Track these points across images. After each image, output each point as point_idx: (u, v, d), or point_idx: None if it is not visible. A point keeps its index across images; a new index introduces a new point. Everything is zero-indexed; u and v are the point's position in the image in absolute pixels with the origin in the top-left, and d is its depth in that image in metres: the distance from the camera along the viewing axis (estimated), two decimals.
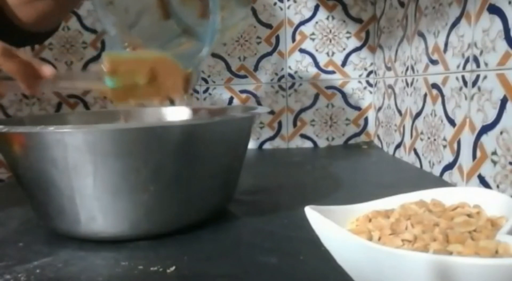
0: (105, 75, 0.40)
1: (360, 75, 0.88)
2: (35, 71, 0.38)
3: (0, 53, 0.36)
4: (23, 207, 0.47)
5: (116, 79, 0.40)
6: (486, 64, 0.45)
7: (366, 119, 0.90)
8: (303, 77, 0.89)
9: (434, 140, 0.59)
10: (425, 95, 0.61)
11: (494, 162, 0.44)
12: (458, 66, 0.51)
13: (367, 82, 0.88)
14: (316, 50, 0.88)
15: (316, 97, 0.89)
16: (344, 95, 0.89)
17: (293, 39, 0.88)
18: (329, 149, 0.87)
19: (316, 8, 0.86)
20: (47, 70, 0.38)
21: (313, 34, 0.87)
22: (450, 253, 0.22)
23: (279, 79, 0.89)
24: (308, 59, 0.88)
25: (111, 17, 0.47)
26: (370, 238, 0.25)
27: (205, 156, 0.39)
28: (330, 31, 0.87)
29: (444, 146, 0.56)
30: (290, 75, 0.89)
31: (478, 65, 0.47)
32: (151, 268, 0.32)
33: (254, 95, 0.90)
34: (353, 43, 0.87)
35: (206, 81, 0.90)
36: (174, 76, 0.43)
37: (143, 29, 0.49)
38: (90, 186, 0.35)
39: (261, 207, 0.48)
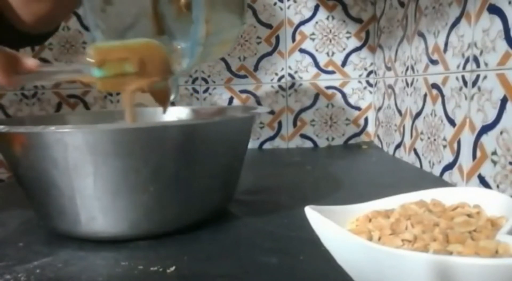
0: (93, 66, 0.40)
1: (360, 75, 0.88)
2: (17, 64, 0.38)
3: None
4: (23, 207, 0.47)
5: (105, 69, 0.40)
6: (486, 64, 0.45)
7: (366, 119, 0.90)
8: (303, 77, 0.89)
9: (434, 140, 0.59)
10: (425, 95, 0.61)
11: (494, 162, 0.44)
12: (458, 66, 0.51)
13: (367, 82, 0.88)
14: (316, 50, 0.88)
15: (316, 97, 0.89)
16: (344, 95, 0.89)
17: (293, 39, 0.88)
18: (329, 149, 0.87)
19: (316, 8, 0.86)
20: (30, 62, 0.38)
21: (313, 34, 0.87)
22: (450, 253, 0.22)
23: (279, 79, 0.89)
24: (308, 59, 0.88)
25: (101, 24, 0.46)
26: (370, 238, 0.25)
27: (205, 156, 0.39)
28: (330, 31, 0.87)
29: (444, 146, 0.56)
30: (290, 75, 0.89)
31: (478, 65, 0.47)
32: (151, 268, 0.32)
33: (254, 95, 0.90)
34: (353, 43, 0.87)
35: (206, 81, 0.90)
36: (161, 61, 0.42)
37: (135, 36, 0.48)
38: (90, 186, 0.35)
39: (261, 207, 0.48)
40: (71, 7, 0.49)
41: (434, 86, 0.58)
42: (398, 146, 0.74)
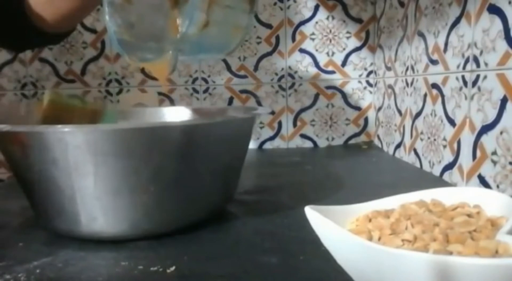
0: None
1: (360, 75, 0.88)
2: None
3: None
4: (23, 207, 0.47)
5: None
6: (486, 64, 0.45)
7: (366, 119, 0.90)
8: (303, 77, 0.89)
9: (434, 140, 0.59)
10: (425, 95, 0.61)
11: (494, 162, 0.44)
12: (458, 66, 0.51)
13: (367, 82, 0.88)
14: (316, 50, 0.88)
15: (316, 97, 0.89)
16: (344, 95, 0.89)
17: (293, 39, 0.88)
18: (329, 149, 0.87)
19: (316, 8, 0.86)
20: None
21: (313, 34, 0.87)
22: (450, 253, 0.22)
23: (279, 79, 0.89)
24: (308, 59, 0.88)
25: (117, 19, 0.46)
26: (370, 238, 0.25)
27: (205, 157, 0.39)
28: (330, 31, 0.87)
29: (444, 146, 0.56)
30: (290, 75, 0.89)
31: (478, 65, 0.47)
32: (151, 268, 0.32)
33: (254, 95, 0.90)
34: (353, 43, 0.87)
35: (206, 81, 0.90)
36: None
37: (144, 30, 0.48)
38: (91, 186, 0.35)
39: (261, 207, 0.48)
40: (93, 5, 0.49)
41: (434, 86, 0.58)
42: (398, 146, 0.74)
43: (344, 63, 0.88)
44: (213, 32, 0.41)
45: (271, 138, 0.91)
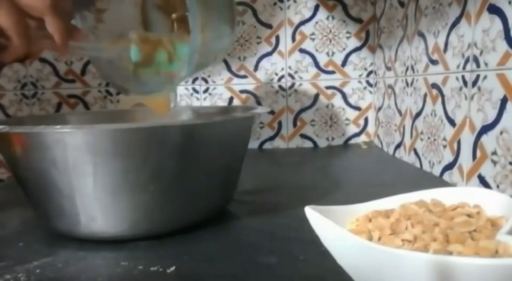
0: (133, 44, 0.44)
1: (360, 75, 0.88)
2: (74, 33, 0.40)
3: (51, 10, 0.36)
4: (23, 207, 0.47)
5: (140, 51, 0.45)
6: (486, 64, 0.45)
7: (366, 119, 0.90)
8: (303, 77, 0.89)
9: (434, 140, 0.59)
10: (425, 95, 0.61)
11: (494, 162, 0.44)
12: (458, 66, 0.51)
13: (367, 82, 0.88)
14: (316, 50, 0.88)
15: (316, 97, 0.89)
16: (344, 95, 0.89)
17: (293, 39, 0.88)
18: (329, 149, 0.87)
19: (316, 8, 0.86)
20: (80, 33, 0.41)
21: (313, 34, 0.87)
22: (450, 253, 0.22)
23: (279, 79, 0.89)
24: (308, 59, 0.88)
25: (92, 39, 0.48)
26: (370, 238, 0.25)
27: (205, 156, 0.39)
28: (330, 31, 0.87)
29: (444, 146, 0.56)
30: (290, 75, 0.89)
31: (478, 65, 0.47)
32: (151, 268, 0.32)
33: (254, 95, 0.90)
34: (353, 43, 0.87)
35: (206, 81, 0.90)
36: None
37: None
38: (90, 186, 0.35)
39: (261, 207, 0.48)
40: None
41: (434, 86, 0.58)
42: (398, 146, 0.74)
43: (344, 63, 0.88)
44: (202, 61, 0.43)
45: (271, 138, 0.91)
